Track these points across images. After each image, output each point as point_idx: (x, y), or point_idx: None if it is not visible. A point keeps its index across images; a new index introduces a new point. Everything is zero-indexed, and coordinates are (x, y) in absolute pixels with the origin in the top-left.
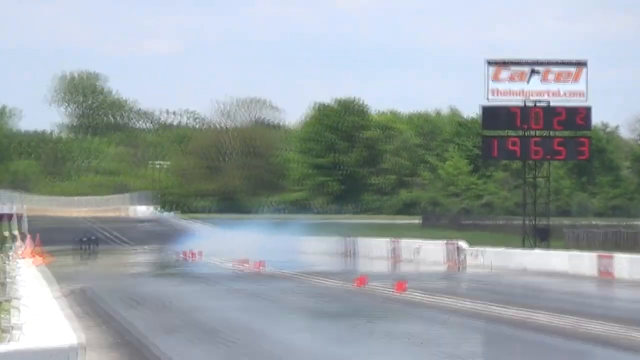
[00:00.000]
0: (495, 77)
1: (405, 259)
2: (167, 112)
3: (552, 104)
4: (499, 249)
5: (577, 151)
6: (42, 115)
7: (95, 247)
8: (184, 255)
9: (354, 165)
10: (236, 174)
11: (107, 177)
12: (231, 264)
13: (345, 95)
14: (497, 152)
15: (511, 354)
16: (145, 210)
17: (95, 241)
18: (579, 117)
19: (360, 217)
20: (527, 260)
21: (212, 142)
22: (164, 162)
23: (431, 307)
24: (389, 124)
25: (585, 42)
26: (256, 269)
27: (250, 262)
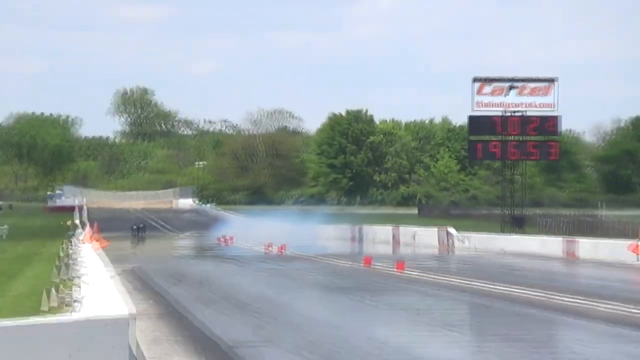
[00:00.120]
0: (479, 92)
1: (403, 243)
2: (206, 121)
3: (527, 114)
4: (483, 234)
5: (548, 153)
6: (102, 124)
7: (144, 233)
8: (219, 240)
9: (361, 165)
10: (263, 172)
11: (155, 175)
12: (258, 248)
13: (354, 106)
14: (481, 154)
15: (492, 322)
16: (187, 202)
17: (143, 228)
18: (549, 124)
19: (366, 208)
20: (506, 243)
21: (243, 146)
22: (203, 162)
23: (425, 283)
24: (391, 130)
25: (559, 62)
26: (279, 251)
27: (274, 245)
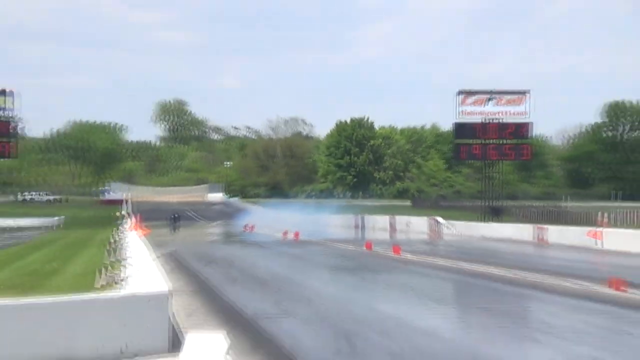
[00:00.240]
0: (463, 102)
1: (399, 230)
2: (232, 127)
3: (503, 121)
4: (466, 222)
5: (521, 154)
6: (145, 130)
7: (179, 222)
8: (244, 228)
9: (363, 164)
10: (281, 171)
11: (190, 174)
12: (277, 234)
13: (358, 114)
14: (465, 155)
15: (474, 297)
16: (216, 196)
17: (179, 218)
18: (522, 130)
19: (368, 201)
20: (486, 230)
21: (264, 149)
22: (230, 163)
23: (418, 264)
24: (388, 135)
25: (533, 76)
26: (294, 237)
27: (290, 232)
